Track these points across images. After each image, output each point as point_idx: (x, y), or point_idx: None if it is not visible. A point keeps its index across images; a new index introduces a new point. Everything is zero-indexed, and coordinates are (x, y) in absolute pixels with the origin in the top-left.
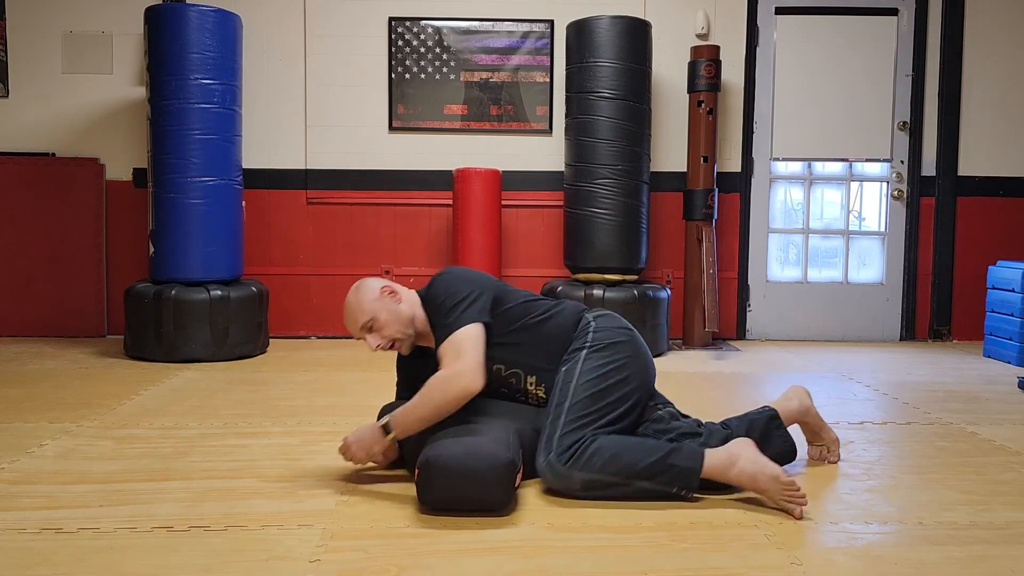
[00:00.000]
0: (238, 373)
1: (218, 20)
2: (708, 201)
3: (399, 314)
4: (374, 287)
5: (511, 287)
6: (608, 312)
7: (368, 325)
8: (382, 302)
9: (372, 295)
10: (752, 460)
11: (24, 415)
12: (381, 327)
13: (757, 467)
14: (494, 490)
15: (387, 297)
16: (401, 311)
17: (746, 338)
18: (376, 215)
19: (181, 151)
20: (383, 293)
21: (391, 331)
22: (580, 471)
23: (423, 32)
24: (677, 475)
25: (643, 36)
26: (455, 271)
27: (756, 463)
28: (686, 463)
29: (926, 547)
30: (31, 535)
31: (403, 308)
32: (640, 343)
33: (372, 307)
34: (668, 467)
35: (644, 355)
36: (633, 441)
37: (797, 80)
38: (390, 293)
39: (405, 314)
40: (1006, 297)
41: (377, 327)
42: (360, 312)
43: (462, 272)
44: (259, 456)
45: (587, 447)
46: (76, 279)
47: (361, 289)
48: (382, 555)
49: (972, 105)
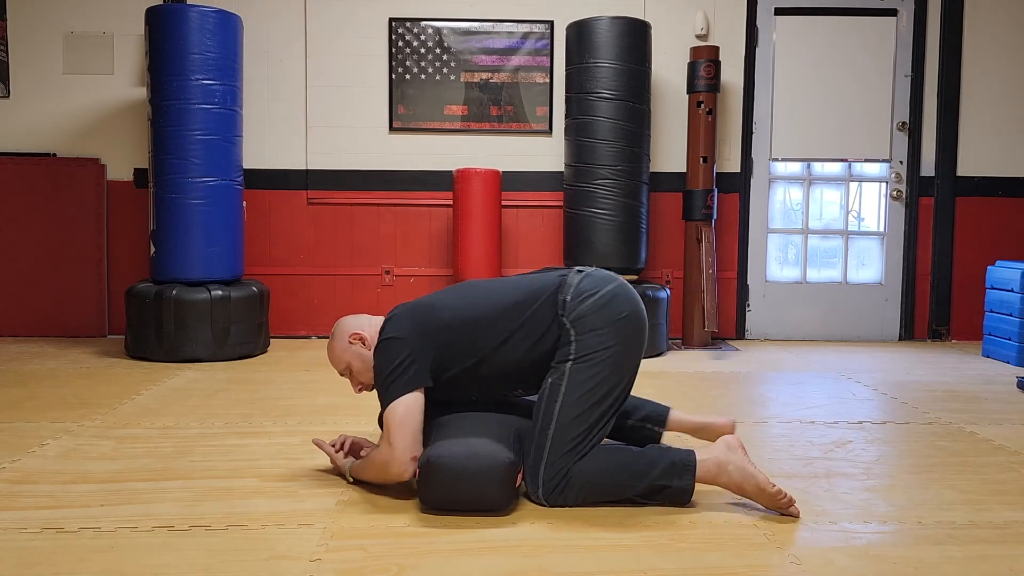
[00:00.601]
0: (239, 373)
1: (219, 21)
2: (707, 201)
3: (367, 362)
4: (344, 334)
5: (478, 297)
6: (587, 277)
7: (346, 372)
8: (352, 351)
9: (342, 343)
10: (739, 468)
11: (25, 415)
12: (355, 375)
13: (743, 476)
14: (495, 490)
15: (355, 344)
16: (369, 360)
17: (745, 338)
18: (376, 215)
19: (182, 151)
20: (352, 340)
21: (365, 378)
22: (571, 502)
23: (423, 33)
24: (671, 495)
25: (643, 37)
26: (397, 321)
27: (743, 471)
28: (678, 483)
29: (925, 547)
30: (32, 534)
31: (371, 356)
32: (623, 319)
33: (344, 357)
34: (659, 488)
35: (629, 335)
36: (619, 462)
37: (796, 80)
38: (360, 340)
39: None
40: (1005, 297)
41: (353, 375)
42: (335, 360)
43: (401, 326)
44: (259, 456)
45: (572, 479)
46: (77, 279)
47: (335, 336)
48: (382, 554)
49: (971, 105)
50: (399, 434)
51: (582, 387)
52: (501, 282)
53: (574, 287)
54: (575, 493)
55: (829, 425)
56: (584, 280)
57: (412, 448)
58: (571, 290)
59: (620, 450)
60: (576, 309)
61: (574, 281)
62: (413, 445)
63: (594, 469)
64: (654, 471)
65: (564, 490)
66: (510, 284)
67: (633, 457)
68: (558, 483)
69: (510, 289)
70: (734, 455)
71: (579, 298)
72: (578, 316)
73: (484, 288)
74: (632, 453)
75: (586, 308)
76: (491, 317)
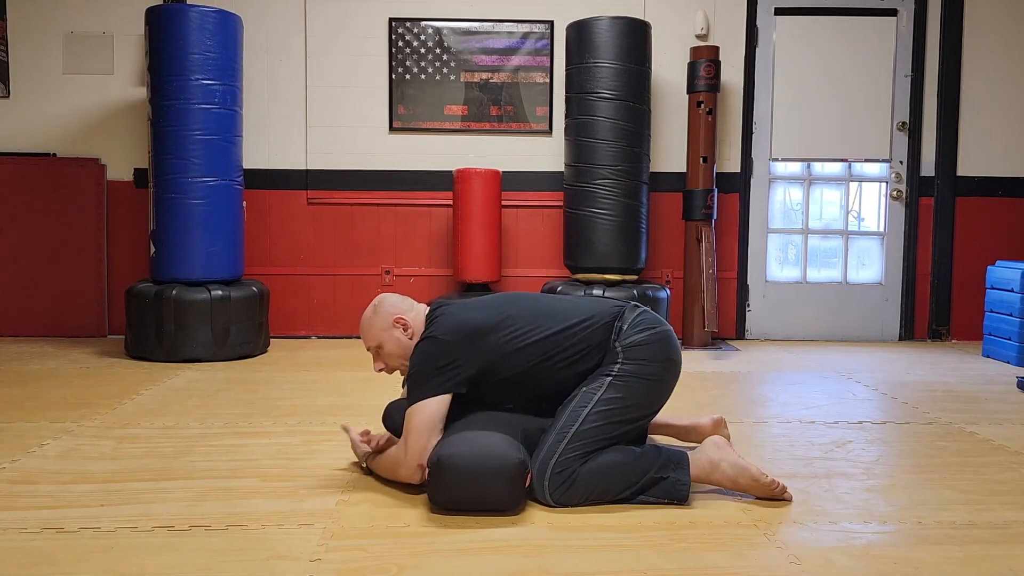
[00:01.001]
0: (239, 373)
1: (219, 21)
2: (707, 201)
3: (405, 348)
4: (388, 315)
5: (536, 312)
6: (644, 313)
7: (374, 349)
8: (391, 333)
9: (384, 323)
10: (732, 464)
11: (25, 415)
12: (385, 356)
13: (736, 470)
14: (504, 491)
15: (397, 329)
16: (407, 348)
17: (745, 338)
18: (376, 215)
19: (182, 151)
20: (395, 324)
21: (394, 362)
22: (576, 500)
23: (423, 33)
24: (666, 489)
25: (643, 37)
26: (450, 323)
27: (735, 466)
28: (674, 475)
29: (925, 547)
30: (32, 534)
31: (410, 344)
32: (669, 361)
33: (381, 336)
34: (656, 480)
35: (669, 376)
36: (622, 462)
37: (796, 80)
38: (403, 326)
39: (410, 350)
40: (1005, 297)
41: (382, 355)
42: (370, 335)
43: (455, 330)
44: (260, 456)
45: (578, 478)
46: (77, 279)
47: (377, 311)
48: (382, 554)
49: (971, 105)
50: (416, 441)
51: (614, 403)
52: (557, 301)
53: (631, 320)
54: (580, 491)
55: (829, 425)
56: (642, 315)
57: (424, 456)
58: (628, 321)
59: (622, 450)
60: (631, 338)
61: (632, 315)
62: (426, 453)
63: (599, 469)
64: (652, 467)
65: (570, 488)
66: (568, 305)
67: (635, 456)
68: (564, 479)
69: (569, 310)
70: (724, 452)
71: (636, 329)
72: (631, 344)
73: (544, 308)
74: (634, 453)
75: (640, 339)
76: (547, 338)
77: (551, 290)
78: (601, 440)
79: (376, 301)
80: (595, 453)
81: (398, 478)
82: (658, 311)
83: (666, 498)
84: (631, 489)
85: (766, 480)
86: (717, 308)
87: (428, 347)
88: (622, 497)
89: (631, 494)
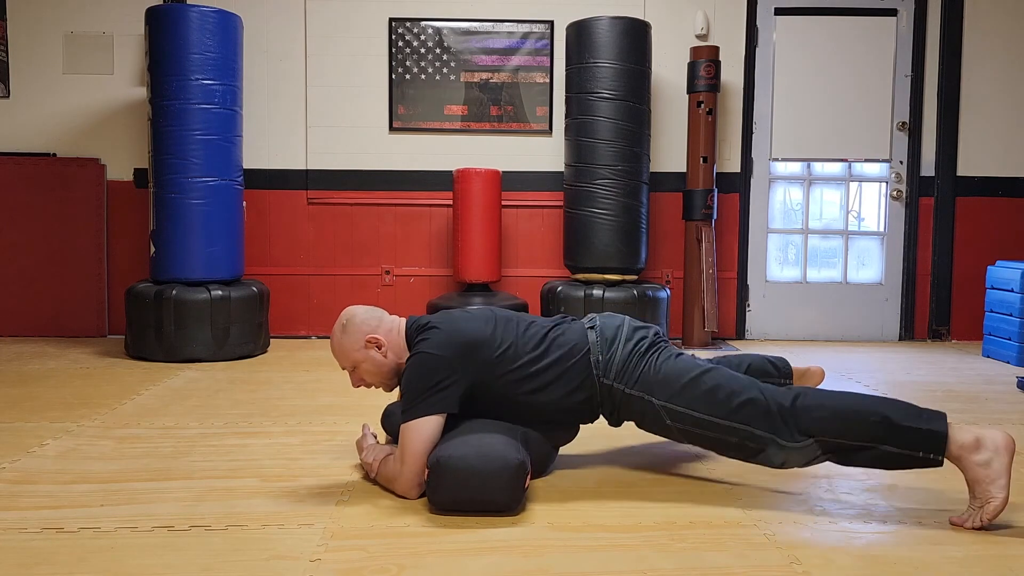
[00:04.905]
0: (239, 373)
1: (219, 21)
2: (707, 201)
3: (380, 367)
4: (359, 334)
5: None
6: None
7: (350, 369)
8: (365, 354)
9: (355, 343)
10: (1005, 467)
11: (25, 415)
12: (361, 376)
13: (996, 472)
14: (504, 492)
15: (371, 349)
16: (383, 365)
17: (745, 338)
18: (376, 215)
19: (182, 151)
20: (368, 344)
21: (371, 380)
22: (816, 429)
23: (423, 33)
24: (924, 437)
25: (643, 37)
26: (442, 339)
27: (1005, 473)
28: (937, 425)
29: (925, 547)
30: (32, 534)
31: (386, 361)
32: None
33: (355, 356)
34: (911, 430)
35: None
36: (846, 396)
37: (796, 80)
38: (376, 345)
39: (387, 367)
40: (1005, 297)
41: (358, 375)
42: (343, 357)
43: (445, 345)
44: (260, 456)
45: (799, 409)
46: (77, 279)
47: (347, 331)
48: (382, 554)
49: (971, 105)
50: (412, 460)
51: (676, 387)
52: (535, 325)
53: (597, 343)
54: (812, 418)
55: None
56: (600, 332)
57: (420, 476)
58: (598, 348)
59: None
60: (617, 367)
61: (593, 338)
62: (423, 473)
63: (822, 401)
64: (895, 409)
65: (804, 422)
66: (545, 330)
67: (858, 395)
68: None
69: (548, 339)
70: (1004, 453)
71: (611, 351)
72: (624, 369)
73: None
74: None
75: (622, 358)
76: (531, 366)
77: (551, 290)
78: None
79: (344, 319)
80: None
81: (394, 492)
82: (658, 311)
83: (920, 451)
84: (880, 426)
85: (991, 506)
86: (717, 308)
87: (425, 362)
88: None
89: (878, 434)
